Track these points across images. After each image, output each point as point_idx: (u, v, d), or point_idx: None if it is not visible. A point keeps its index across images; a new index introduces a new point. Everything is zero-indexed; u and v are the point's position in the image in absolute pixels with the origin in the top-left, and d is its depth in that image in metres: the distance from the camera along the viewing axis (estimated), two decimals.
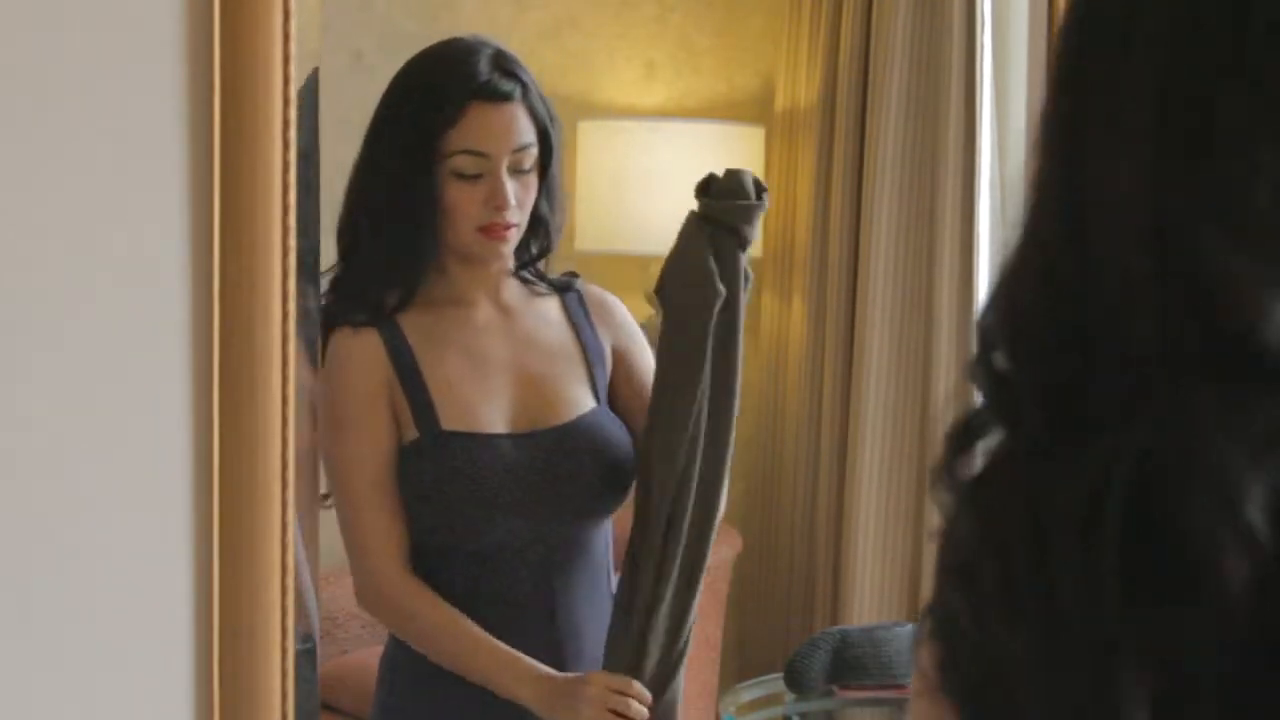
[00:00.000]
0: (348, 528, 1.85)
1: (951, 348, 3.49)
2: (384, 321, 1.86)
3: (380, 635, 2.10)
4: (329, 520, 1.80)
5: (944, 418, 0.70)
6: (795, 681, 2.89)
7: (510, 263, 1.90)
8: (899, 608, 3.57)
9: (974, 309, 3.45)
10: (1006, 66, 3.45)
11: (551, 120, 1.87)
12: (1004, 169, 3.46)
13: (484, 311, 1.90)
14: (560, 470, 1.83)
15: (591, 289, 2.00)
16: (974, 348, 0.65)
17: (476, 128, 1.81)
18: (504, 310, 1.92)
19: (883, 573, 3.59)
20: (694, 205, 1.87)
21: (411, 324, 1.87)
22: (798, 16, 3.99)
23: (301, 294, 1.43)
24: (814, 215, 3.86)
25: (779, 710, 3.01)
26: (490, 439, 1.83)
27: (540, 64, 4.22)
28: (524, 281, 1.95)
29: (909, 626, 3.02)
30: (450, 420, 1.83)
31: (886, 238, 3.61)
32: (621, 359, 1.96)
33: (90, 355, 1.36)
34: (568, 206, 2.02)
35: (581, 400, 1.89)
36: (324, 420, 1.82)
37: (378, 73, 4.14)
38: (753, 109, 4.21)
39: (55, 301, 1.35)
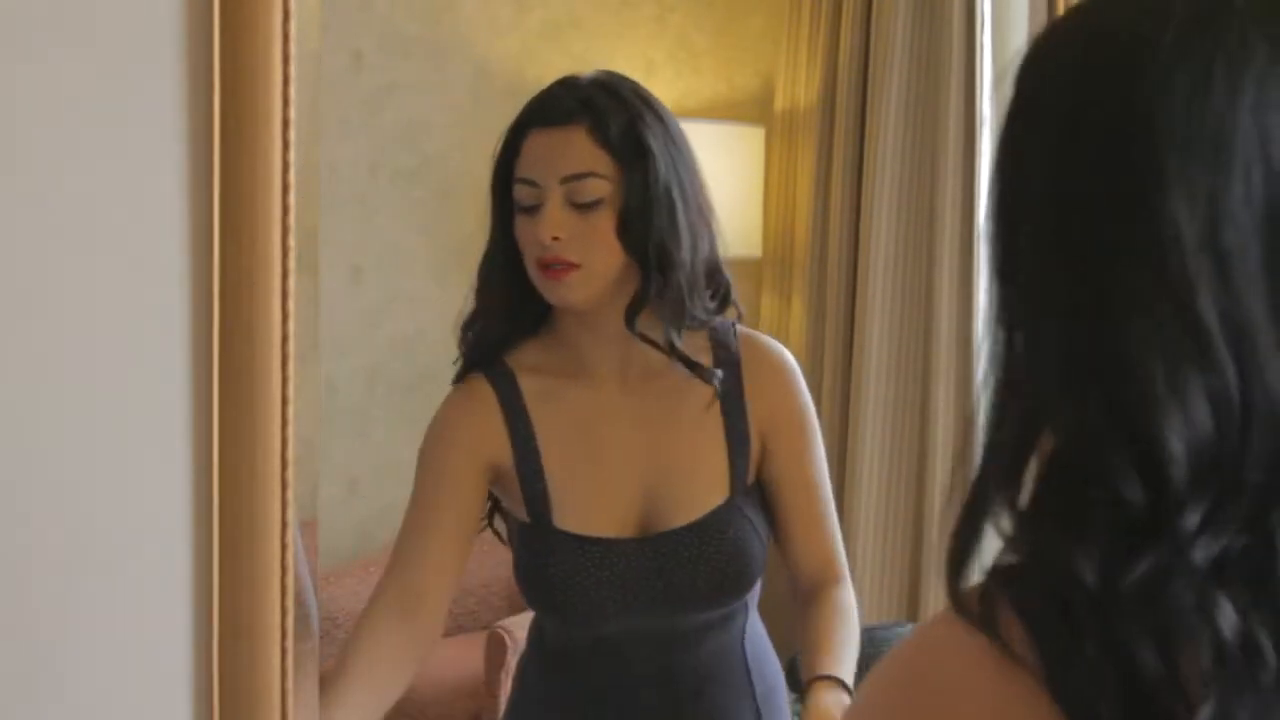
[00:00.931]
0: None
1: (951, 348, 3.49)
2: (501, 379, 1.70)
3: None
4: (329, 520, 1.79)
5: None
6: (795, 681, 2.89)
7: (620, 317, 1.67)
8: (899, 608, 3.58)
9: (974, 309, 3.45)
10: (1006, 67, 3.45)
11: (639, 150, 1.63)
12: None
13: (609, 387, 1.70)
14: (674, 576, 1.65)
15: (754, 344, 1.76)
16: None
17: (530, 154, 1.64)
18: (632, 386, 1.71)
19: (883, 573, 3.59)
20: None
21: (532, 389, 1.70)
22: (798, 16, 3.99)
23: (301, 293, 1.43)
24: (814, 215, 3.86)
25: None
26: (605, 545, 1.66)
27: (540, 64, 4.22)
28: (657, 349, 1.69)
29: (909, 626, 3.02)
30: (564, 519, 1.67)
31: (886, 238, 3.61)
32: (768, 439, 1.73)
33: (90, 355, 1.36)
34: (686, 256, 1.65)
35: (711, 497, 1.68)
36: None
37: (378, 73, 4.15)
38: (753, 109, 4.22)
39: (55, 301, 1.35)
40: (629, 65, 4.18)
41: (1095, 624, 0.63)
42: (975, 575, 0.71)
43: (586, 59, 4.10)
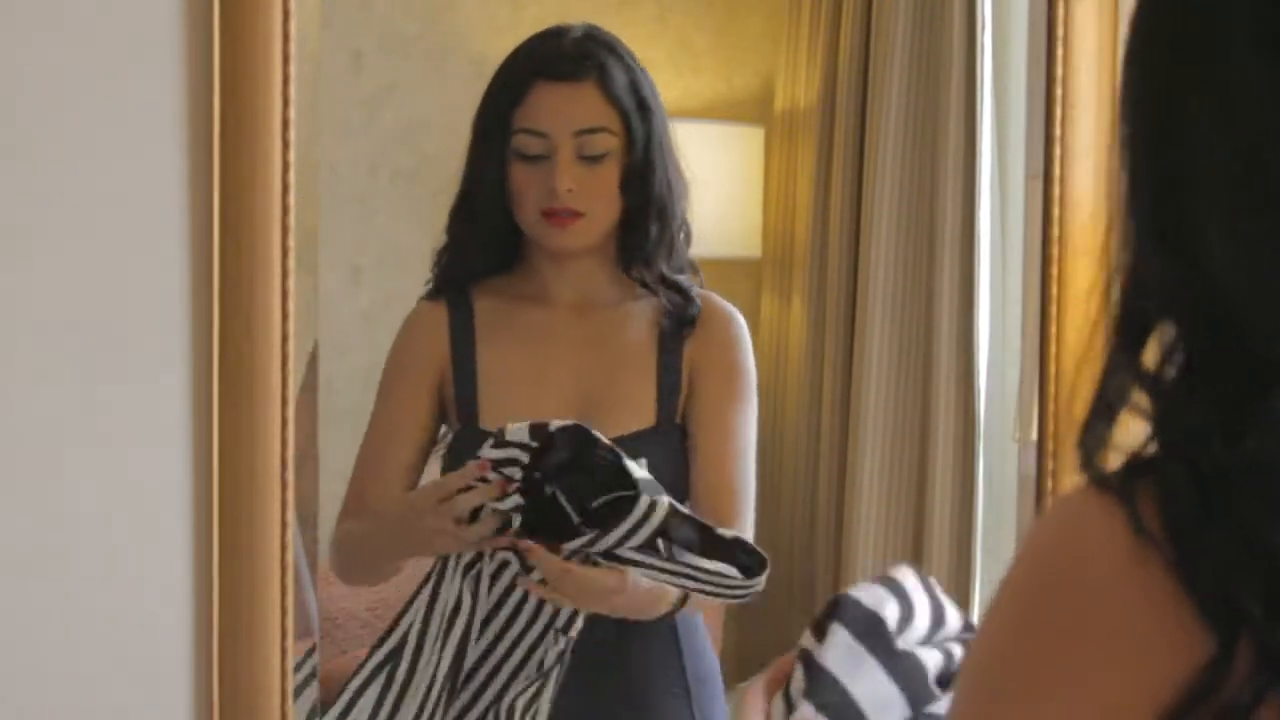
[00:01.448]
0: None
1: (952, 348, 3.49)
2: (458, 300, 1.77)
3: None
4: (329, 520, 1.79)
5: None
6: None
7: (602, 265, 1.76)
8: None
9: (974, 309, 3.45)
10: (1006, 67, 3.45)
11: (642, 108, 1.72)
12: (1004, 169, 3.46)
13: (563, 314, 1.77)
14: None
15: (713, 302, 1.82)
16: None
17: (537, 106, 1.71)
18: (584, 315, 1.78)
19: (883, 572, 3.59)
20: (695, 204, 1.86)
21: (485, 310, 1.78)
22: (798, 16, 3.99)
23: (301, 293, 1.43)
24: (814, 215, 3.86)
25: None
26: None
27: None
28: (635, 283, 1.78)
29: None
30: (489, 420, 1.71)
31: (886, 238, 3.61)
32: (695, 380, 1.78)
33: (91, 355, 1.36)
34: (681, 203, 1.78)
35: (635, 422, 1.73)
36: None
37: (378, 73, 4.14)
38: (753, 109, 4.21)
39: (56, 301, 1.35)
40: None
41: (1222, 501, 0.60)
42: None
43: None
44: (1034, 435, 1.74)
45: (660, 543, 1.54)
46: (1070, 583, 0.64)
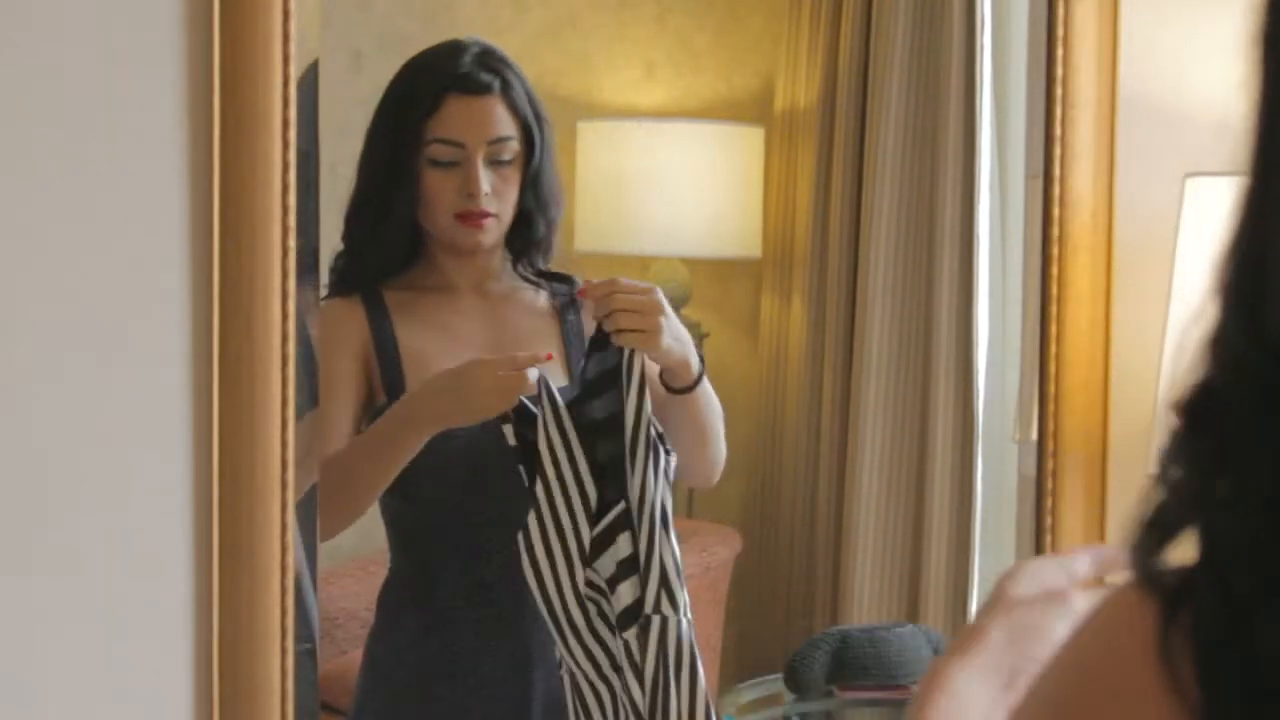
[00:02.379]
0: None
1: (951, 348, 3.49)
2: (370, 295, 1.92)
3: None
4: None
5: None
6: (795, 682, 2.89)
7: (498, 257, 1.95)
8: (899, 608, 3.57)
9: (974, 309, 3.45)
10: (1006, 67, 3.45)
11: (538, 118, 1.92)
12: (1004, 169, 3.46)
13: (467, 298, 1.95)
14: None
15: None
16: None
17: (452, 117, 1.88)
18: (486, 297, 1.97)
19: (883, 573, 3.59)
20: (696, 205, 1.88)
21: (395, 301, 1.92)
22: (798, 16, 3.99)
23: (301, 294, 1.43)
24: (814, 215, 3.86)
25: (779, 710, 3.00)
26: None
27: (539, 64, 4.22)
28: (521, 278, 1.98)
29: (909, 627, 3.02)
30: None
31: (886, 238, 3.61)
32: None
33: (90, 355, 1.36)
34: (562, 204, 2.05)
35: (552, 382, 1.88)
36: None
37: (378, 73, 4.14)
38: (753, 109, 4.21)
39: (55, 301, 1.35)
40: (629, 65, 4.18)
41: (1249, 631, 0.54)
42: None
43: (585, 59, 4.10)
44: (1034, 435, 1.74)
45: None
46: (1104, 690, 0.61)
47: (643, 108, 4.10)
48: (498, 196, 1.89)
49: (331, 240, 1.91)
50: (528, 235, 1.95)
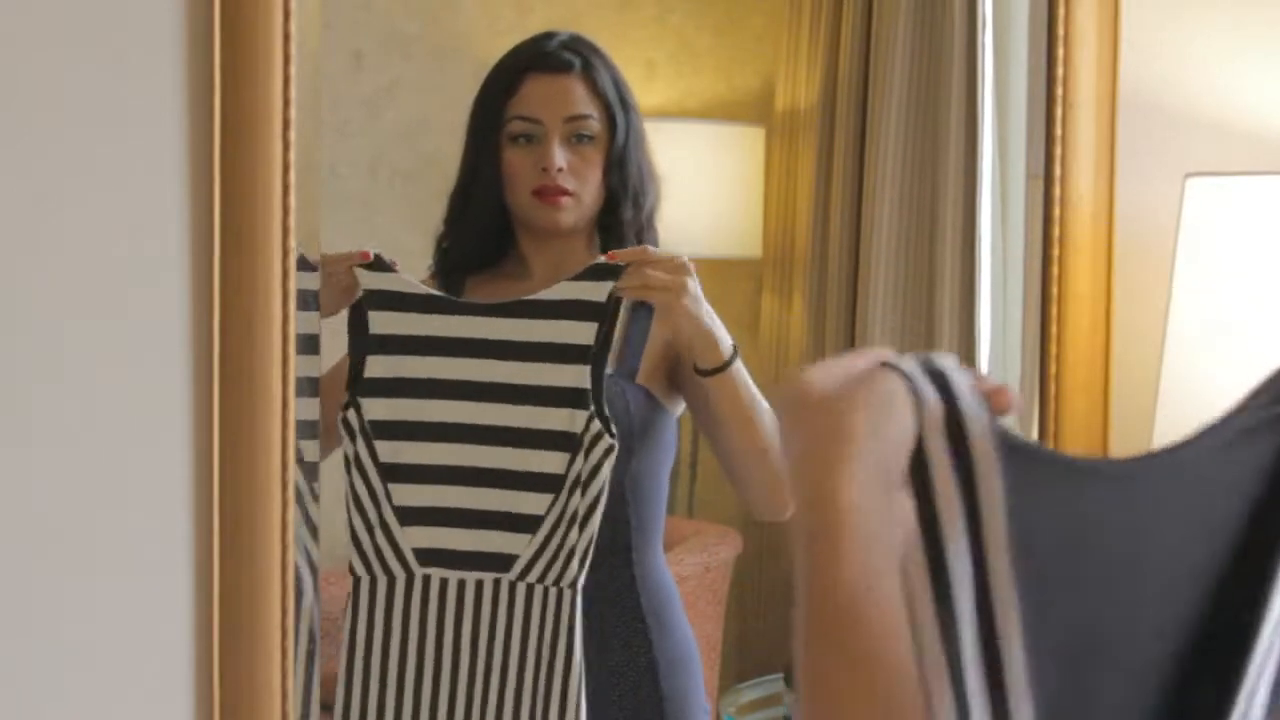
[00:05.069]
0: None
1: (952, 348, 3.49)
2: (451, 281, 1.93)
3: None
4: (329, 519, 1.79)
5: None
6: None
7: (580, 242, 1.91)
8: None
9: (975, 309, 3.45)
10: (1006, 67, 3.45)
11: (623, 102, 1.95)
12: (1004, 169, 3.46)
13: (537, 282, 1.88)
14: None
15: None
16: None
17: (530, 95, 1.90)
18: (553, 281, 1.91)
19: None
20: (696, 204, 1.88)
21: (472, 285, 1.93)
22: (798, 17, 3.99)
23: (301, 293, 1.43)
24: (814, 215, 3.86)
25: (779, 710, 3.00)
26: None
27: None
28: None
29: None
30: None
31: (886, 238, 3.61)
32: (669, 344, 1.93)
33: (91, 355, 1.36)
34: (654, 191, 1.98)
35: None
36: None
37: (378, 73, 4.14)
38: (753, 109, 4.21)
39: (55, 301, 1.35)
40: (629, 65, 4.17)
41: None
42: None
43: None
44: (1034, 435, 1.74)
45: None
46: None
47: (643, 108, 4.09)
48: (575, 175, 1.88)
49: (331, 241, 1.91)
50: (614, 220, 1.92)
